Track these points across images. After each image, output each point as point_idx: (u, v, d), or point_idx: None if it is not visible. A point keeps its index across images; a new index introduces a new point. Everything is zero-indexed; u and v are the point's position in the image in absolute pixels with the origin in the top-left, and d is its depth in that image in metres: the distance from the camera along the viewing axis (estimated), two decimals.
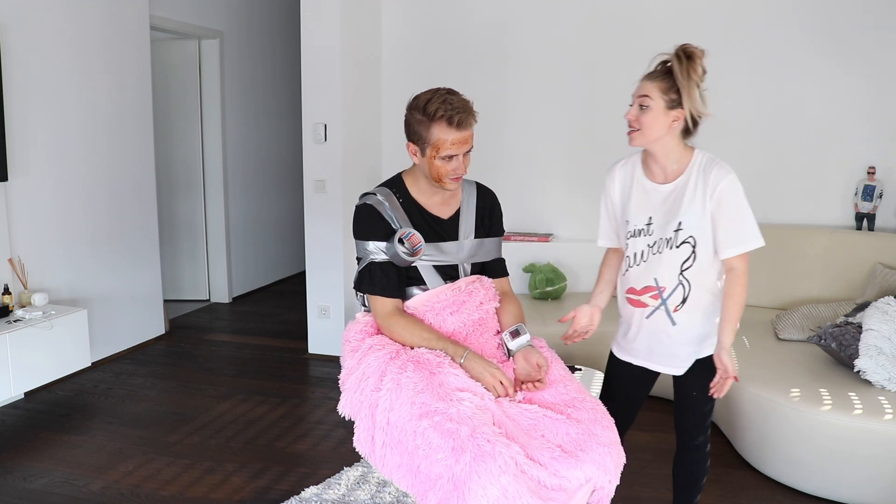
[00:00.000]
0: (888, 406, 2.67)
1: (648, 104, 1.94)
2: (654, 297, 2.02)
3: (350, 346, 2.07)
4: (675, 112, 1.94)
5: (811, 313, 3.50)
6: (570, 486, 1.72)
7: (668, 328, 2.03)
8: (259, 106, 6.21)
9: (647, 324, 2.07)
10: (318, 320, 4.54)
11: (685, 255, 1.97)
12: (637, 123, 1.97)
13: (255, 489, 2.86)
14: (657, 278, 2.01)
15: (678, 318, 2.01)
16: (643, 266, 2.03)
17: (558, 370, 2.05)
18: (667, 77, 1.94)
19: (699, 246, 1.95)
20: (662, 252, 1.99)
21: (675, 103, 1.93)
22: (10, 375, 3.35)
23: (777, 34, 4.09)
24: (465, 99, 1.98)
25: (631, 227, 2.06)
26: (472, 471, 1.61)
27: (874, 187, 3.93)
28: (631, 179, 2.10)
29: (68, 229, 4.09)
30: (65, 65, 3.99)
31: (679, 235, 1.96)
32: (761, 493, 2.82)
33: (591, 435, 1.81)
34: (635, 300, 2.06)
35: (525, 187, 4.64)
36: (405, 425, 1.79)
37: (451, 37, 4.65)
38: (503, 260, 2.25)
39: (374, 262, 2.03)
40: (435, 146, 1.95)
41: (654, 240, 2.00)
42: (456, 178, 2.02)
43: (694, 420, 2.16)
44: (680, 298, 2.00)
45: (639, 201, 2.06)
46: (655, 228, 2.01)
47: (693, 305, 2.00)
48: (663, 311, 2.02)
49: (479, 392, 1.85)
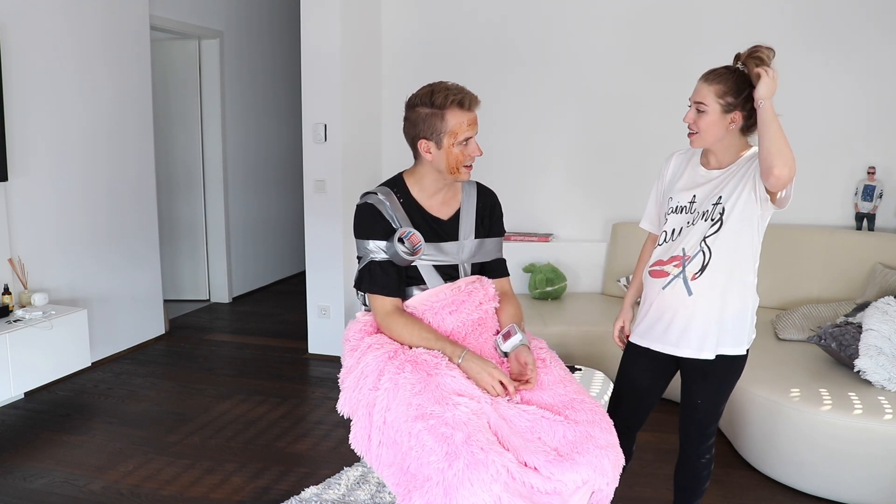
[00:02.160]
0: (888, 406, 2.67)
1: (704, 109, 1.96)
2: (677, 265, 2.03)
3: (350, 345, 2.08)
4: (732, 115, 1.95)
5: (811, 313, 3.50)
6: (565, 489, 1.71)
7: (685, 299, 2.01)
8: (259, 106, 6.21)
9: (663, 297, 2.05)
10: (318, 320, 4.54)
11: (711, 223, 1.98)
12: (695, 127, 2.00)
13: (255, 489, 2.86)
14: (685, 248, 2.02)
15: (695, 287, 1.99)
16: (677, 240, 2.04)
17: (558, 371, 2.04)
18: (723, 80, 1.94)
19: (727, 215, 1.95)
20: (696, 224, 2.01)
21: (732, 107, 1.94)
22: (10, 375, 3.35)
23: (777, 34, 4.09)
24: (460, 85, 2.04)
25: (673, 203, 2.09)
26: (465, 478, 1.61)
27: (874, 187, 3.93)
28: (686, 164, 2.14)
29: (68, 229, 4.09)
30: (65, 65, 3.99)
31: (716, 209, 1.98)
32: (762, 493, 2.82)
33: (588, 437, 1.80)
34: (658, 271, 2.07)
35: (525, 187, 4.64)
36: (401, 426, 1.79)
37: (451, 37, 4.65)
38: (504, 260, 2.25)
39: (374, 261, 2.04)
40: (453, 133, 1.99)
41: (693, 217, 2.02)
42: (470, 165, 2.05)
43: (697, 430, 2.14)
44: (699, 265, 1.99)
45: (687, 182, 2.09)
46: (697, 206, 2.03)
47: (711, 277, 1.98)
48: (681, 281, 2.01)
49: (475, 396, 1.84)
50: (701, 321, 2.01)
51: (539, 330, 3.68)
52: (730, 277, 2.00)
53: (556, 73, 4.50)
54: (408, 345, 2.01)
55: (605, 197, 4.53)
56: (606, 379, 3.08)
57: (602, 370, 3.62)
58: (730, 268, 1.99)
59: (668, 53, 4.29)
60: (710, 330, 2.01)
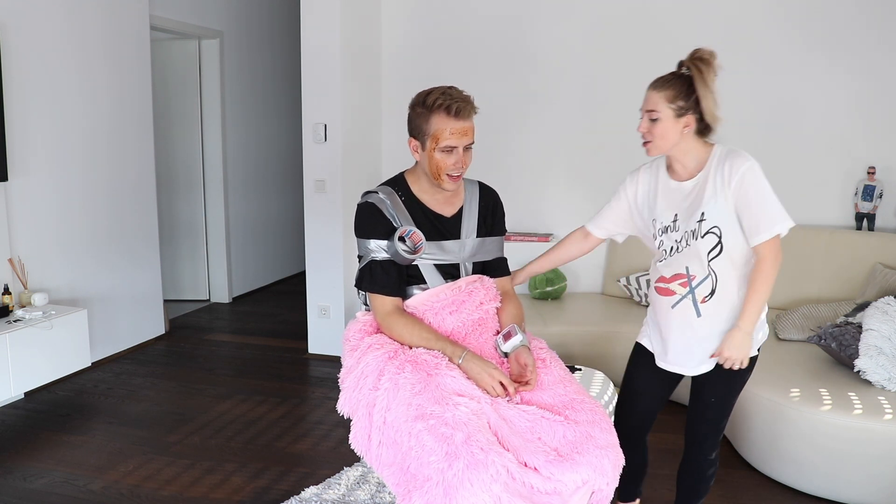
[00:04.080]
0: (888, 406, 2.67)
1: (657, 116, 1.95)
2: (682, 284, 2.02)
3: (350, 345, 2.08)
4: (685, 119, 1.95)
5: (811, 313, 3.50)
6: (565, 489, 1.71)
7: (693, 320, 2.01)
8: (259, 106, 6.21)
9: (671, 316, 2.05)
10: (318, 320, 4.54)
11: (711, 245, 1.96)
12: (649, 135, 1.99)
13: (255, 489, 2.86)
14: (688, 267, 2.00)
15: (704, 309, 1.99)
16: (675, 256, 2.03)
17: (558, 371, 2.03)
18: (671, 85, 1.95)
19: (725, 237, 1.94)
20: (690, 244, 1.99)
21: (684, 110, 1.94)
22: (10, 375, 3.35)
23: (777, 34, 4.09)
24: (466, 93, 2.00)
25: (659, 224, 2.08)
26: (465, 478, 1.61)
27: (874, 187, 3.93)
28: (656, 181, 2.12)
29: (68, 229, 4.09)
30: (65, 65, 3.99)
31: (703, 226, 1.95)
32: (762, 493, 2.82)
33: (588, 437, 1.80)
34: (664, 288, 2.06)
35: (525, 187, 4.64)
36: (401, 426, 1.79)
37: (451, 37, 4.65)
38: (505, 259, 2.25)
39: (374, 260, 2.04)
40: (434, 137, 1.97)
41: (681, 234, 2.01)
42: (455, 176, 2.02)
43: (706, 430, 2.13)
44: (709, 289, 1.98)
45: (665, 201, 2.07)
46: (681, 224, 2.02)
47: (720, 300, 1.98)
48: (690, 301, 2.01)
49: (475, 396, 1.84)
50: (710, 341, 2.02)
51: (539, 330, 3.68)
52: (738, 294, 2.00)
53: (556, 73, 4.50)
54: (408, 345, 2.01)
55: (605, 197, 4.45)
56: (606, 379, 3.08)
57: (602, 370, 3.62)
58: (738, 285, 2.00)
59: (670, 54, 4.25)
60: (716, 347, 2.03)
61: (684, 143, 1.99)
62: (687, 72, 1.95)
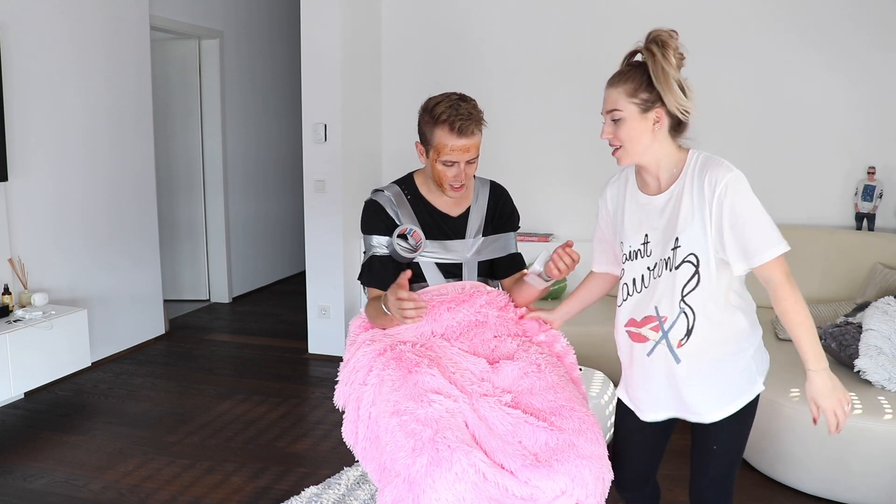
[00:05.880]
0: (888, 406, 2.67)
1: (620, 116, 1.66)
2: (654, 328, 1.70)
3: (349, 339, 2.12)
4: (653, 113, 1.65)
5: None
6: (542, 496, 1.63)
7: (673, 367, 1.70)
8: (259, 106, 6.21)
9: (648, 364, 1.74)
10: (318, 320, 4.54)
11: (686, 277, 1.64)
12: (617, 140, 1.68)
13: (254, 489, 2.86)
14: (658, 307, 1.69)
15: (683, 353, 1.67)
16: (644, 293, 1.72)
17: (551, 376, 1.93)
18: (630, 76, 1.67)
19: (703, 266, 1.63)
20: (662, 275, 1.68)
21: (649, 103, 1.64)
22: (10, 375, 3.35)
23: (776, 34, 4.09)
24: (476, 108, 1.99)
25: (626, 248, 1.76)
26: (427, 474, 1.58)
27: (874, 187, 3.93)
28: (624, 195, 1.81)
29: (68, 229, 4.08)
30: (65, 65, 3.99)
31: (678, 254, 1.64)
32: (761, 493, 2.82)
33: (570, 445, 1.71)
34: (636, 333, 1.75)
35: (525, 187, 4.63)
36: (380, 421, 1.79)
37: (451, 36, 4.65)
38: (519, 254, 2.24)
39: (375, 255, 2.09)
40: (437, 149, 1.99)
41: (654, 261, 1.70)
42: (457, 187, 2.03)
43: (710, 481, 1.80)
44: (683, 331, 1.66)
45: (633, 218, 1.76)
46: (653, 248, 1.70)
47: (700, 340, 1.66)
48: (665, 347, 1.69)
49: (452, 395, 1.80)
50: (697, 387, 1.71)
51: None
52: (723, 332, 1.68)
53: (556, 73, 4.50)
54: (379, 327, 2.04)
55: None
56: (606, 379, 3.08)
57: (602, 370, 3.61)
58: (720, 322, 1.67)
59: None
60: (710, 393, 1.71)
61: (658, 147, 1.67)
62: (642, 57, 1.66)
